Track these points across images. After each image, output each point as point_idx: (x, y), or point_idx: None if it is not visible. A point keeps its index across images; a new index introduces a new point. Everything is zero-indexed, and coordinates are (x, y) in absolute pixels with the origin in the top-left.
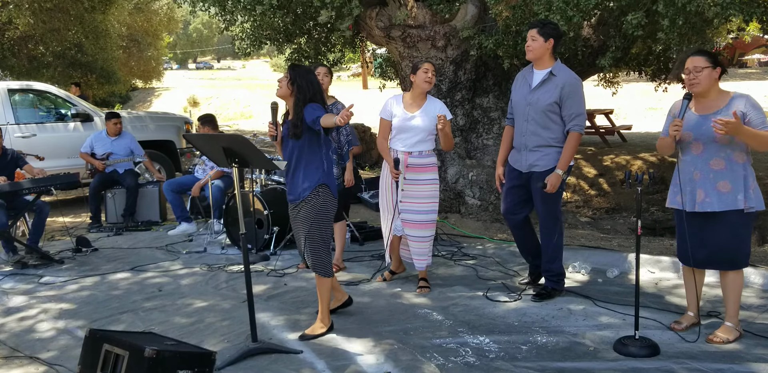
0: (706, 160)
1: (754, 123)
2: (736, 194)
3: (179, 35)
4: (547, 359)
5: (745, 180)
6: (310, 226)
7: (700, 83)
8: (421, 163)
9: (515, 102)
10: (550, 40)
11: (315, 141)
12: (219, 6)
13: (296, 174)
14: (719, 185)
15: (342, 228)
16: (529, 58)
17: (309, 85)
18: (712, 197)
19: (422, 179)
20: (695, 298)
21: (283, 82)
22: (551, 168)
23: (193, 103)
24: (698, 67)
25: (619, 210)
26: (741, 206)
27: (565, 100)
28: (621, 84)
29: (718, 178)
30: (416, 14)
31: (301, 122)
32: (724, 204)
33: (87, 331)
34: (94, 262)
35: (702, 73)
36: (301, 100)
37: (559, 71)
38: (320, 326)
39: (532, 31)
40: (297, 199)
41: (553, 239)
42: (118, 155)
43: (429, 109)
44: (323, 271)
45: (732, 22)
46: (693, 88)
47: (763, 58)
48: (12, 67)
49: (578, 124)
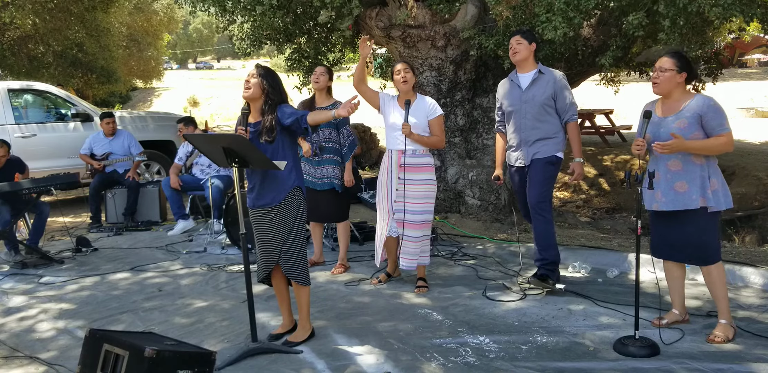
0: (664, 160)
1: (710, 125)
2: (691, 194)
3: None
4: (547, 359)
5: (703, 181)
6: (288, 232)
7: (659, 84)
8: (415, 162)
9: (509, 104)
10: (533, 43)
11: (288, 143)
12: (219, 6)
13: (267, 177)
14: (676, 186)
15: (346, 228)
16: (516, 60)
17: (279, 86)
18: (668, 196)
19: (417, 179)
20: (678, 295)
21: (252, 82)
22: (551, 155)
23: (193, 103)
24: (663, 67)
25: (619, 210)
26: (696, 205)
27: (559, 93)
28: (622, 83)
29: (675, 179)
30: (416, 14)
31: (276, 125)
32: (679, 204)
33: (87, 331)
34: (94, 262)
35: (665, 74)
36: (274, 101)
37: (545, 70)
38: (303, 333)
39: (515, 37)
40: (269, 203)
41: (546, 225)
42: (116, 155)
43: (418, 108)
44: (303, 279)
45: (732, 23)
46: (653, 87)
47: (763, 58)
48: (12, 67)
49: (573, 113)
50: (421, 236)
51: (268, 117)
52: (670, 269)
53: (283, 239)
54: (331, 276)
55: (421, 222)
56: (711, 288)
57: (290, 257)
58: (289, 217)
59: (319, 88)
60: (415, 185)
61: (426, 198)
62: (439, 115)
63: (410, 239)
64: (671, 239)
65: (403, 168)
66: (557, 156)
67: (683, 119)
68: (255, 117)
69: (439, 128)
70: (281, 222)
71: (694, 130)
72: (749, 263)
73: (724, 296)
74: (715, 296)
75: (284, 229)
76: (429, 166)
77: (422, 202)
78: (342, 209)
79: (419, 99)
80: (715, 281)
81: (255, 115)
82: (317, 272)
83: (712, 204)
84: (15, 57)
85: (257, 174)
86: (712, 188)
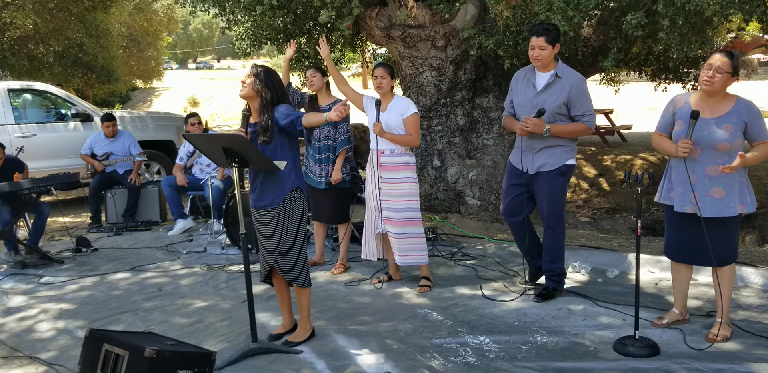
0: (702, 165)
1: (755, 131)
2: (729, 202)
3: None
4: (547, 359)
5: (741, 186)
6: (287, 233)
7: (713, 84)
8: (393, 162)
9: (519, 104)
10: (557, 45)
11: (286, 143)
12: (219, 6)
13: (267, 178)
14: (713, 191)
15: (347, 229)
16: (537, 66)
17: (277, 85)
18: (704, 202)
19: (396, 178)
20: (682, 295)
21: (247, 82)
22: (560, 165)
23: (193, 103)
24: (721, 69)
25: (619, 210)
26: (734, 212)
27: (574, 101)
28: (623, 82)
29: (712, 185)
30: (416, 14)
31: (273, 125)
32: (716, 211)
33: (87, 331)
34: (94, 262)
35: (722, 76)
36: (270, 101)
37: (563, 73)
38: (303, 333)
39: (538, 39)
40: (269, 204)
41: (556, 238)
42: (117, 155)
43: (393, 108)
44: (302, 280)
45: (732, 22)
46: (705, 86)
47: (763, 58)
48: (12, 68)
49: (590, 121)
50: (404, 233)
51: (264, 117)
52: (679, 269)
53: (281, 241)
54: (331, 276)
55: (402, 219)
56: (721, 287)
57: (288, 259)
58: (288, 218)
59: (315, 90)
60: (394, 183)
61: (406, 196)
62: (413, 113)
63: (393, 235)
64: (694, 242)
65: (381, 167)
66: (567, 165)
67: (729, 125)
68: (255, 117)
69: (412, 127)
70: (280, 224)
71: (738, 136)
72: (749, 263)
73: (729, 296)
74: (722, 295)
75: (283, 230)
76: (407, 165)
77: (402, 199)
78: (342, 210)
79: (395, 99)
80: (727, 280)
81: (255, 115)
82: (317, 272)
83: (748, 209)
84: (15, 57)
85: (258, 175)
86: (748, 194)
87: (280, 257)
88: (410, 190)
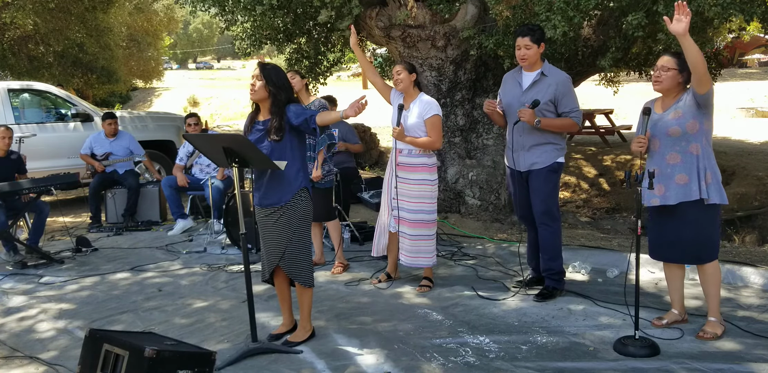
0: (662, 155)
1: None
2: (692, 186)
3: (179, 35)
4: (547, 359)
5: (699, 171)
6: (293, 232)
7: (661, 82)
8: (410, 162)
9: (507, 104)
10: (542, 44)
11: (296, 143)
12: (219, 6)
13: (274, 177)
14: (677, 178)
15: (337, 227)
16: (524, 65)
17: (285, 84)
18: (670, 190)
19: (413, 179)
20: (678, 295)
21: (257, 85)
22: (551, 162)
23: (193, 103)
24: (666, 67)
25: (619, 210)
26: (696, 196)
27: (561, 98)
28: (622, 83)
29: (675, 172)
30: (416, 14)
31: (285, 124)
32: (681, 196)
33: (87, 331)
34: (94, 262)
35: (667, 74)
36: (282, 101)
37: (549, 71)
38: (303, 333)
39: (524, 39)
40: (276, 203)
41: (552, 235)
42: (117, 155)
43: (414, 108)
44: (306, 280)
45: (732, 22)
46: (654, 85)
47: (763, 58)
48: (12, 67)
49: (576, 116)
50: (416, 234)
51: (276, 116)
52: (670, 268)
53: (287, 240)
54: (331, 276)
55: (415, 221)
56: (704, 285)
57: (294, 258)
58: (294, 218)
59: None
60: (410, 184)
61: (421, 198)
62: (433, 115)
63: (404, 235)
64: (667, 236)
65: (399, 167)
66: (558, 162)
67: (678, 110)
68: (264, 115)
69: (433, 129)
70: (286, 223)
71: (689, 119)
72: (749, 263)
73: (716, 294)
74: (707, 293)
75: (289, 230)
76: (425, 166)
77: (417, 201)
78: (327, 209)
79: (419, 99)
80: (709, 279)
81: (264, 113)
82: (317, 272)
83: (706, 196)
84: (15, 57)
85: (264, 173)
86: (707, 182)
87: (286, 257)
88: (426, 192)
